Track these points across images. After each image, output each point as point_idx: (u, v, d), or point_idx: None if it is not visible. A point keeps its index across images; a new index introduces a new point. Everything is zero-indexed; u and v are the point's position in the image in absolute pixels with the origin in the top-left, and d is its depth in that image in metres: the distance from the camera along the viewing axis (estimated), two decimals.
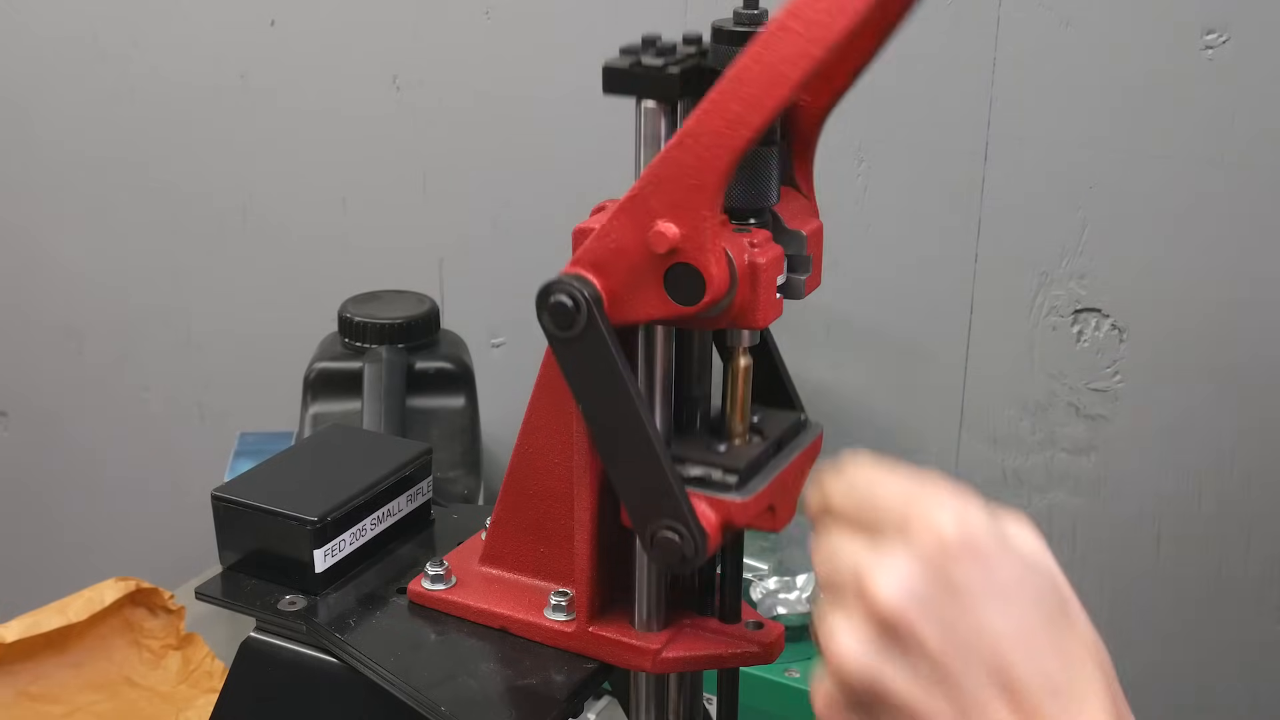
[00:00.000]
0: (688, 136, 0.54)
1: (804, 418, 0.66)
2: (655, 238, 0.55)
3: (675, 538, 0.59)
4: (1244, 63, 1.01)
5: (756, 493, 0.60)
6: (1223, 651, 1.14)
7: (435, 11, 1.33)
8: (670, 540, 0.59)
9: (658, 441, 0.58)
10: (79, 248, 1.64)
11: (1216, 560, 1.12)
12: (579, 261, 0.58)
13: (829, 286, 0.67)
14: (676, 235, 0.55)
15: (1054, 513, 1.17)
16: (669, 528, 0.59)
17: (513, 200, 1.35)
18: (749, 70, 0.52)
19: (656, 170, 0.55)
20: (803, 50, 0.51)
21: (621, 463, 0.59)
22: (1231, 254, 1.05)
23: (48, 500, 1.79)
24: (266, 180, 1.49)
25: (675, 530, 0.58)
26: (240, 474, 0.75)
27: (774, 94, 0.52)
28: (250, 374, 1.57)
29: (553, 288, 0.57)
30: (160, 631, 1.15)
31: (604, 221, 0.57)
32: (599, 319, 0.57)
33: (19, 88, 1.60)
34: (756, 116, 0.52)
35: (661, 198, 0.55)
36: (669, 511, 0.58)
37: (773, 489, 0.61)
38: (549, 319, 0.58)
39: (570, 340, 0.58)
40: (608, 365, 0.57)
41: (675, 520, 0.58)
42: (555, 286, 0.57)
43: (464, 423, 1.18)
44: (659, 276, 0.56)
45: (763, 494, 0.60)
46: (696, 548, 0.58)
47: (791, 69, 0.51)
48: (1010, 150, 1.11)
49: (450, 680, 0.64)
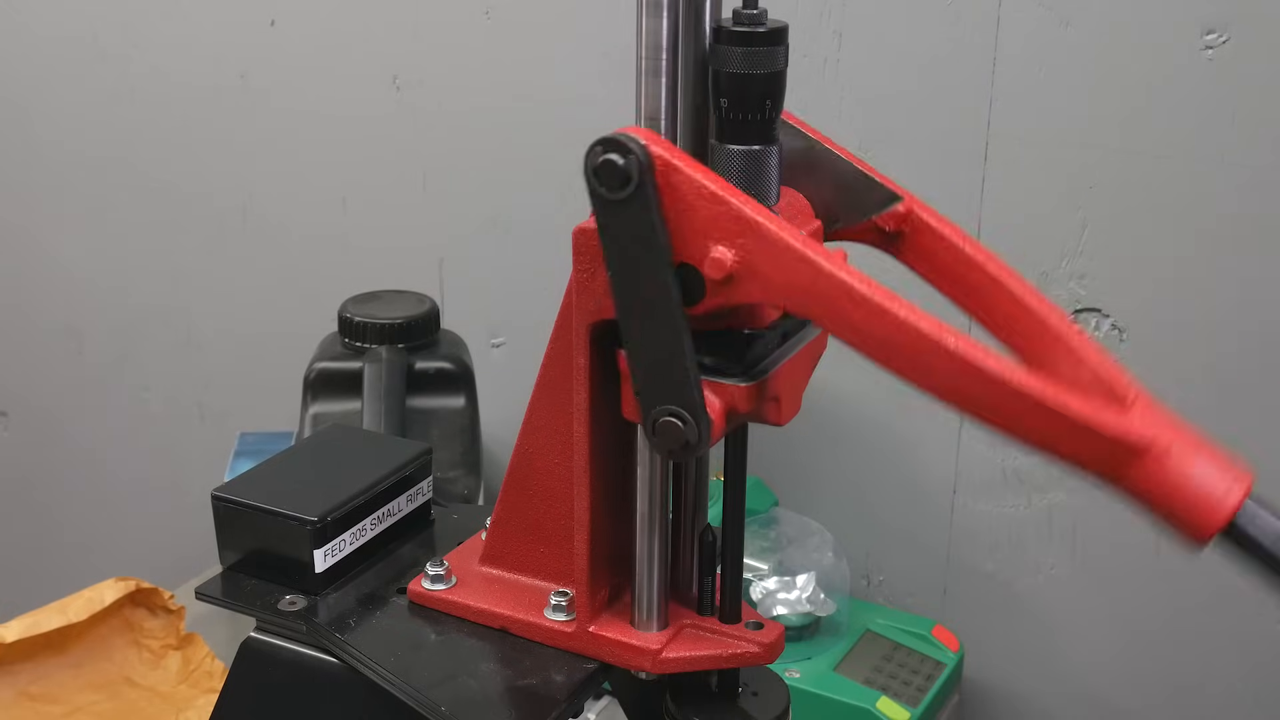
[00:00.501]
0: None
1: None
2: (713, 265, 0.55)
3: (679, 423, 0.58)
4: (1244, 63, 1.01)
5: (762, 380, 0.59)
6: (1223, 651, 1.14)
7: (435, 11, 1.33)
8: (673, 425, 0.58)
9: (682, 319, 0.57)
10: (79, 248, 1.64)
11: (1217, 560, 1.12)
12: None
13: None
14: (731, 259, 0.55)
15: (1054, 513, 1.17)
16: (672, 414, 0.58)
17: (513, 200, 1.35)
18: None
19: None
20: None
21: (644, 338, 0.57)
22: (1231, 254, 1.05)
23: (48, 500, 1.79)
24: (266, 180, 1.49)
25: (679, 416, 0.57)
26: (240, 474, 0.75)
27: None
28: (250, 374, 1.57)
29: (605, 144, 0.56)
30: (160, 631, 1.15)
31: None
32: (650, 183, 0.55)
33: (19, 88, 1.60)
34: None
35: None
36: (678, 394, 0.57)
37: (778, 379, 0.60)
38: (597, 178, 0.56)
39: (617, 203, 0.56)
40: (651, 229, 0.56)
41: (681, 404, 0.57)
42: (609, 144, 0.55)
43: (464, 423, 1.18)
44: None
45: (768, 381, 0.59)
46: (700, 434, 0.57)
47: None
48: (1010, 150, 1.11)
49: (450, 680, 0.64)
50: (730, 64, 0.57)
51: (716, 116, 0.58)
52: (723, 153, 0.58)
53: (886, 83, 1.13)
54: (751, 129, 0.58)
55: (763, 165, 0.58)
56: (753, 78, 0.57)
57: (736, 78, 0.57)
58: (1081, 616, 1.19)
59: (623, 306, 0.57)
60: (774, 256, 0.54)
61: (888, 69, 1.13)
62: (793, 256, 0.54)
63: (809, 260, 0.54)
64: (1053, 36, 1.06)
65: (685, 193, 0.55)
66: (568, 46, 1.27)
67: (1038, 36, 1.07)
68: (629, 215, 0.56)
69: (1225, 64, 1.01)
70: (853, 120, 1.15)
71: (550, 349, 0.63)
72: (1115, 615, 1.17)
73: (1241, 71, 1.01)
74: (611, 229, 0.56)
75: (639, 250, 0.56)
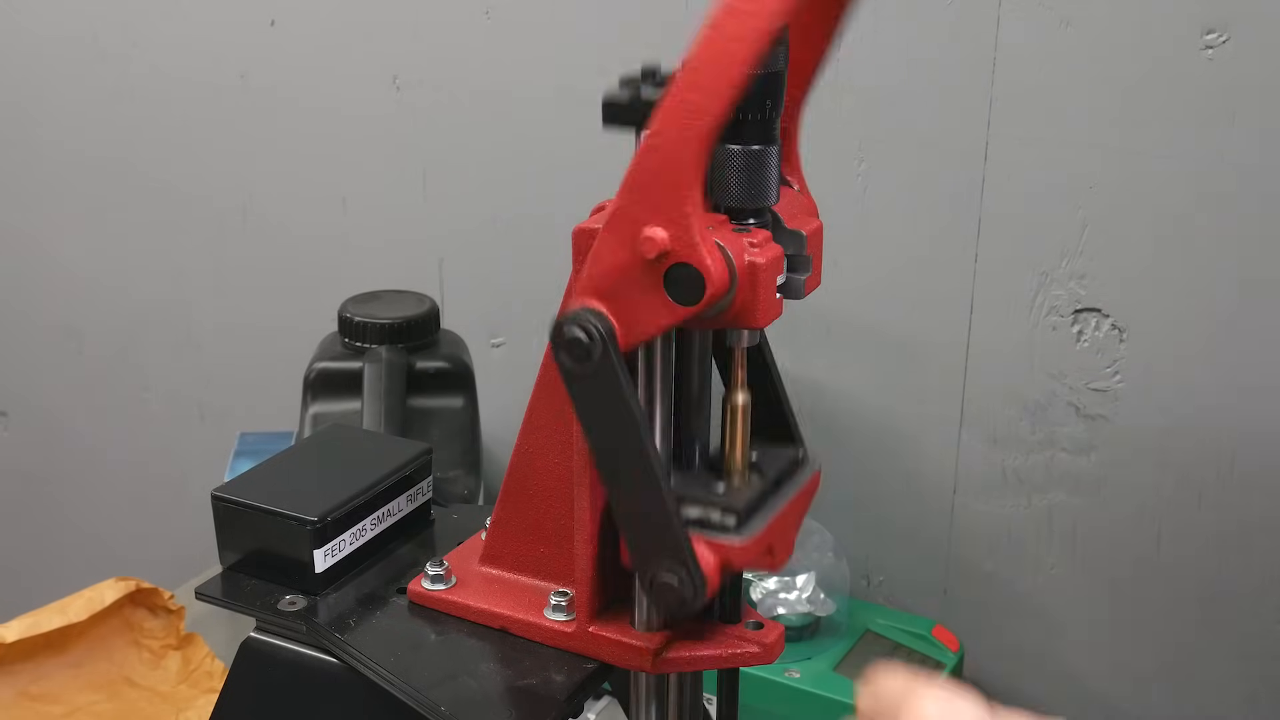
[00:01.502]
0: (654, 137, 0.54)
1: (803, 454, 0.66)
2: (645, 244, 0.55)
3: (674, 581, 0.59)
4: (1244, 63, 1.01)
5: (756, 534, 0.60)
6: (1223, 651, 1.14)
7: (435, 11, 1.33)
8: (669, 584, 0.59)
9: (664, 480, 0.58)
10: (79, 248, 1.64)
11: (1216, 560, 1.12)
12: (584, 292, 0.58)
13: (829, 286, 0.67)
14: (665, 238, 0.55)
15: (1054, 513, 1.17)
16: (669, 570, 0.59)
17: (513, 200, 1.35)
18: (701, 57, 0.52)
19: (632, 180, 0.55)
20: (750, 27, 0.51)
21: (626, 500, 0.59)
22: (1231, 254, 1.05)
23: (48, 500, 1.79)
24: (266, 180, 1.49)
25: (675, 573, 0.58)
26: (240, 474, 0.75)
27: (729, 76, 0.52)
28: (250, 374, 1.57)
29: (566, 322, 0.57)
30: (160, 631, 1.15)
31: (594, 246, 0.57)
32: (612, 352, 0.57)
33: (19, 88, 1.60)
34: (716, 103, 0.53)
35: (643, 205, 0.55)
36: (671, 553, 0.58)
37: (771, 529, 0.61)
38: (565, 354, 0.57)
39: (585, 375, 0.58)
40: (620, 399, 0.57)
41: (676, 563, 0.58)
42: (569, 321, 0.57)
43: (464, 423, 1.18)
44: (659, 282, 0.56)
45: (762, 535, 0.60)
46: (696, 591, 0.58)
47: (742, 47, 0.51)
48: (1010, 150, 1.11)
49: (450, 680, 0.64)
50: None
51: None
52: (722, 152, 0.58)
53: (886, 83, 1.13)
54: (751, 129, 0.58)
55: (763, 165, 0.58)
56: (752, 78, 0.57)
57: None
58: (1081, 616, 1.19)
59: (606, 474, 0.59)
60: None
61: (888, 69, 1.13)
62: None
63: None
64: (1053, 36, 1.06)
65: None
66: (568, 46, 1.26)
67: (1038, 36, 1.07)
68: (597, 384, 0.57)
69: (1225, 64, 1.01)
70: (853, 120, 1.15)
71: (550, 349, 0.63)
72: (1115, 615, 1.17)
73: (1241, 71, 1.01)
74: (582, 400, 0.58)
75: (612, 417, 0.57)
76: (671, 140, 0.54)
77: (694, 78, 0.53)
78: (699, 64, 0.52)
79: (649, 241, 0.55)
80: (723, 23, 0.52)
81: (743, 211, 0.59)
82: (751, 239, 0.57)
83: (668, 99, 0.53)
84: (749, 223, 0.59)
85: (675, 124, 0.53)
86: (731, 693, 0.72)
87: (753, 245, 0.57)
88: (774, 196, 0.59)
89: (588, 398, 0.58)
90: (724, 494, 0.61)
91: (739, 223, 0.58)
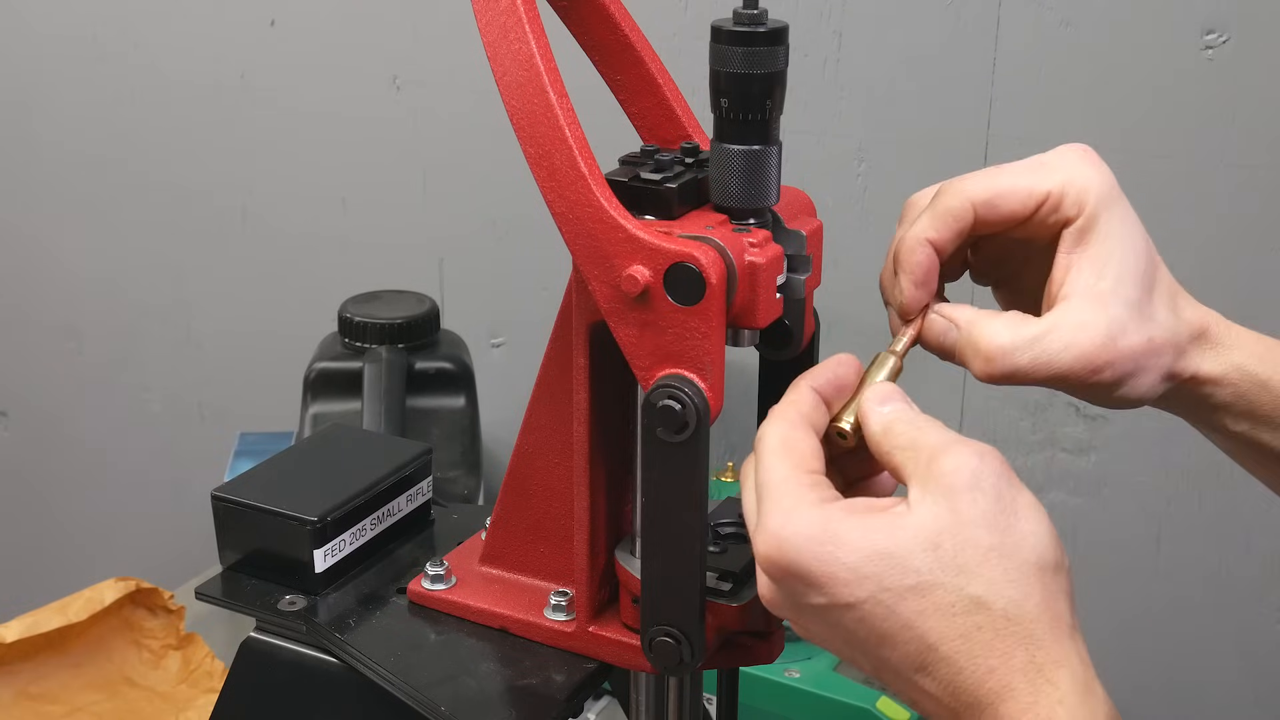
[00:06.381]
0: (563, 211, 0.60)
1: None
2: (628, 283, 0.56)
3: (672, 643, 0.59)
4: (1244, 63, 1.01)
5: (751, 599, 0.60)
6: (1222, 651, 1.14)
7: (435, 11, 1.33)
8: (668, 645, 0.59)
9: (705, 554, 0.59)
10: (79, 248, 1.64)
11: (1216, 560, 1.12)
12: (654, 361, 0.57)
13: (829, 286, 0.67)
14: (647, 275, 0.55)
15: (1054, 513, 1.16)
16: (668, 634, 0.59)
17: (513, 200, 1.35)
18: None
19: (576, 247, 0.58)
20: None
21: (664, 565, 0.59)
22: (1231, 254, 1.05)
23: (48, 500, 1.79)
24: (266, 180, 1.49)
25: (674, 636, 0.59)
26: (240, 474, 0.75)
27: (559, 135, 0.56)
28: (250, 374, 1.57)
29: (659, 392, 0.56)
30: (160, 631, 1.15)
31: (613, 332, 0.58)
32: (705, 430, 0.56)
33: (19, 88, 1.60)
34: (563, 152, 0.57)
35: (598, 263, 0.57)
36: (681, 616, 0.59)
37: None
38: (661, 423, 0.56)
39: (676, 445, 0.57)
40: (700, 473, 0.57)
41: (681, 626, 0.59)
42: (663, 390, 0.56)
43: (464, 423, 1.18)
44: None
45: (756, 600, 0.60)
46: (694, 654, 0.59)
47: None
48: (1010, 150, 1.11)
49: (450, 680, 0.64)
50: (730, 64, 0.57)
51: (717, 116, 0.58)
52: (723, 152, 0.58)
53: (886, 83, 1.13)
54: (752, 129, 0.58)
55: (763, 165, 0.58)
56: (753, 78, 0.57)
57: (737, 77, 0.57)
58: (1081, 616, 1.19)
59: (649, 534, 0.59)
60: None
61: (888, 69, 1.13)
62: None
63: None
64: (1053, 36, 1.06)
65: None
66: (568, 47, 1.26)
67: (1038, 36, 1.07)
68: (686, 455, 0.57)
69: (1225, 64, 1.01)
70: (853, 120, 1.15)
71: (550, 349, 0.63)
72: (1115, 615, 1.17)
73: (1241, 71, 1.01)
74: (666, 467, 0.57)
75: (687, 488, 0.57)
76: (580, 201, 0.59)
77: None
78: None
79: (631, 280, 0.56)
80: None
81: (743, 212, 0.59)
82: (751, 239, 0.57)
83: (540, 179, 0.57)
84: (749, 223, 0.59)
85: (565, 180, 0.60)
86: (731, 693, 0.72)
87: (752, 245, 0.57)
88: (774, 197, 0.59)
89: (672, 468, 0.57)
90: (720, 556, 0.62)
91: (739, 223, 0.58)
